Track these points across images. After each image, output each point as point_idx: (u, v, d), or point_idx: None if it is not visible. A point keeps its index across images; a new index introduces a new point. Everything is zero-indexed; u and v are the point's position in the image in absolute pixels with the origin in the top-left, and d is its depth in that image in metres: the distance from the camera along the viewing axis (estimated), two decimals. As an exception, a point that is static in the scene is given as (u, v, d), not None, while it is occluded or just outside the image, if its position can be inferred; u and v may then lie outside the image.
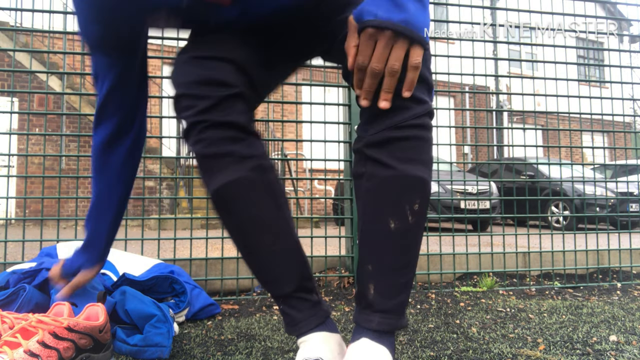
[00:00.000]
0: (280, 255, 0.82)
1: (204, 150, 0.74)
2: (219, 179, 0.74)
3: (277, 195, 0.81)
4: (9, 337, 0.89)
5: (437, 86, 2.53)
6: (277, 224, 0.81)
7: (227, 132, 0.73)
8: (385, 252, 0.75)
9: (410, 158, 0.72)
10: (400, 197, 0.73)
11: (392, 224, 0.73)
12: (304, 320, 0.82)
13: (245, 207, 0.77)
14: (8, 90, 2.02)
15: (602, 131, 2.82)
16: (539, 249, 2.42)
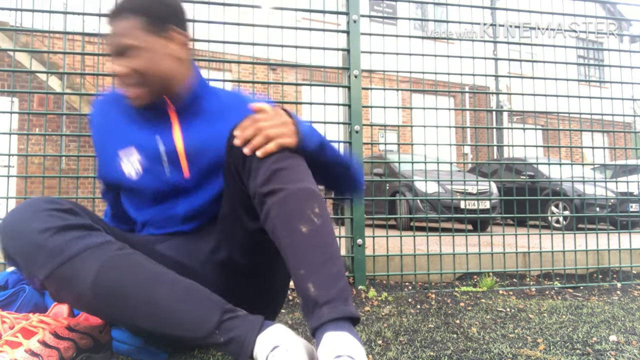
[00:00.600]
0: (187, 295, 0.82)
1: (50, 266, 0.78)
2: (86, 279, 0.79)
3: (145, 258, 0.86)
4: (10, 337, 0.89)
5: (437, 86, 2.53)
6: (162, 272, 0.85)
7: (67, 233, 0.81)
8: (308, 253, 0.82)
9: (292, 179, 0.86)
10: (301, 206, 0.83)
11: (304, 229, 0.82)
12: (250, 327, 0.79)
13: (125, 282, 0.80)
14: (8, 90, 2.03)
15: (602, 131, 2.82)
16: (539, 249, 2.42)
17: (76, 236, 0.80)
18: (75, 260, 0.78)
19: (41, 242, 0.78)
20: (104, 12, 1.93)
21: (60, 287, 0.80)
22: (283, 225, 0.83)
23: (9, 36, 6.09)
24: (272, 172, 0.85)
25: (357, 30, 2.09)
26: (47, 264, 0.78)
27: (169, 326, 0.80)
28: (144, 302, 0.80)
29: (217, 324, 0.79)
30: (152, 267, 0.85)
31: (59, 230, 0.79)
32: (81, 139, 4.75)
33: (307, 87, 2.31)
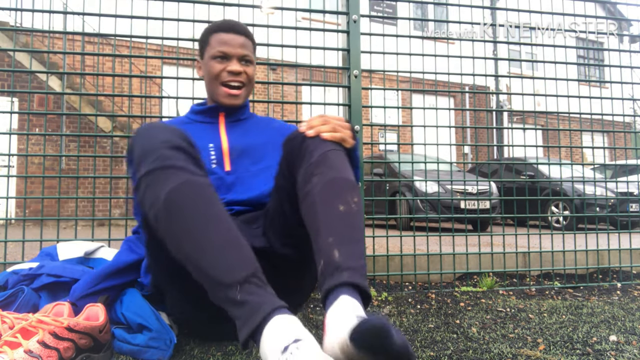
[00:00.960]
0: (234, 243, 0.85)
1: (157, 163, 0.89)
2: (167, 186, 0.87)
3: (217, 199, 0.92)
4: (9, 337, 0.89)
5: (437, 86, 2.53)
6: (227, 216, 0.89)
7: (176, 152, 0.91)
8: (340, 226, 0.89)
9: (341, 169, 0.96)
10: (343, 191, 0.92)
11: (341, 207, 0.90)
12: (267, 303, 0.78)
13: (195, 204, 0.87)
14: (8, 90, 2.02)
15: (602, 131, 2.82)
16: (539, 249, 2.42)
17: (182, 157, 0.91)
18: (170, 170, 0.88)
19: (158, 148, 0.90)
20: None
21: (149, 187, 0.88)
22: (323, 201, 0.90)
23: (9, 36, 6.09)
24: (326, 157, 0.95)
25: (357, 30, 2.09)
26: (152, 164, 0.89)
27: (205, 260, 0.83)
28: (199, 229, 0.85)
29: (243, 279, 0.80)
30: (220, 208, 0.89)
31: (174, 147, 0.91)
32: (81, 139, 4.73)
33: (307, 87, 2.32)
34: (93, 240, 1.70)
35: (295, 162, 1.01)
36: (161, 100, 5.66)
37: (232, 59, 1.31)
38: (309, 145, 0.99)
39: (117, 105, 7.40)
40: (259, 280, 0.82)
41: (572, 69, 2.78)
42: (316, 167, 0.94)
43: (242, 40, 1.33)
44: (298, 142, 1.01)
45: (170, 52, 6.90)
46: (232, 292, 0.80)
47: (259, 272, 0.83)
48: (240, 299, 0.79)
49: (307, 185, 0.94)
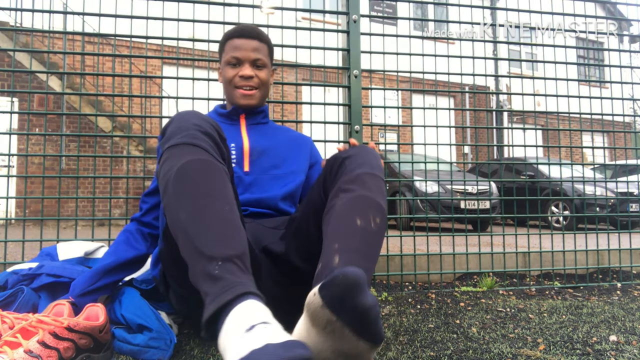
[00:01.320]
0: (230, 222, 0.84)
1: (184, 139, 0.92)
2: (184, 158, 0.89)
3: (230, 184, 0.94)
4: (9, 337, 0.89)
5: (437, 86, 2.53)
6: (233, 198, 0.90)
7: (204, 136, 0.95)
8: (350, 237, 0.86)
9: (373, 191, 0.95)
10: (367, 209, 0.91)
11: (359, 222, 0.88)
12: (244, 284, 0.74)
13: (204, 178, 0.88)
14: (8, 90, 2.02)
15: (602, 131, 2.82)
16: (539, 249, 2.42)
17: (209, 142, 0.94)
18: (193, 147, 0.91)
19: (189, 128, 0.94)
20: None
21: (169, 158, 0.91)
22: (342, 212, 0.90)
23: (9, 36, 6.09)
24: (362, 178, 0.96)
25: (357, 30, 2.09)
26: (179, 139, 0.92)
27: (195, 228, 0.82)
28: (199, 199, 0.85)
29: (227, 257, 0.77)
30: (228, 191, 0.90)
31: (204, 132, 0.95)
32: (81, 139, 4.73)
33: (307, 87, 2.31)
34: (93, 240, 1.70)
35: (331, 180, 1.02)
36: (161, 100, 5.66)
37: (244, 63, 1.36)
38: (347, 165, 1.00)
39: (117, 105, 7.40)
40: (242, 264, 0.79)
41: (572, 69, 2.78)
42: (348, 184, 0.95)
43: (254, 44, 1.36)
44: (338, 161, 1.02)
45: (170, 52, 6.90)
46: (211, 266, 0.76)
47: (245, 258, 0.81)
48: (217, 274, 0.75)
49: (334, 199, 0.94)
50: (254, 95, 1.37)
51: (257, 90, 1.38)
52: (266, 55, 1.39)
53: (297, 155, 1.44)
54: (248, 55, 1.35)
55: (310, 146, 1.51)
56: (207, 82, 2.05)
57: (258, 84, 1.37)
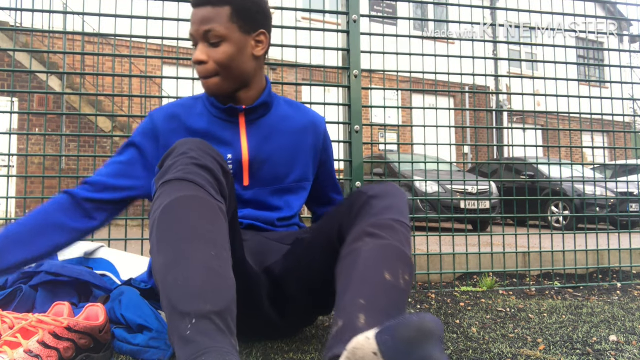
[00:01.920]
0: (216, 271, 0.72)
1: (177, 174, 0.82)
2: (174, 195, 0.80)
3: (224, 227, 0.82)
4: (9, 337, 0.89)
5: (437, 86, 2.53)
6: (224, 240, 0.79)
7: (200, 170, 0.83)
8: (380, 294, 0.76)
9: (402, 243, 0.86)
10: (397, 264, 0.81)
11: (388, 276, 0.78)
12: (215, 349, 0.62)
13: (191, 217, 0.77)
14: (8, 90, 2.02)
15: (602, 131, 2.82)
16: (539, 249, 2.42)
17: (206, 178, 0.83)
18: (186, 183, 0.81)
19: (186, 163, 0.84)
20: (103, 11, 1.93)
21: (160, 195, 0.81)
22: (369, 261, 0.79)
23: (9, 36, 6.09)
24: (390, 224, 0.86)
25: (357, 30, 2.09)
26: (173, 174, 0.82)
27: (172, 276, 0.71)
28: (182, 241, 0.74)
29: (202, 314, 0.65)
30: (221, 235, 0.79)
31: (202, 166, 0.84)
32: (81, 139, 4.72)
33: (307, 87, 2.31)
34: (93, 241, 1.70)
35: (351, 218, 0.91)
36: (161, 100, 5.66)
37: (197, 43, 1.07)
38: (374, 205, 0.89)
39: (117, 105, 7.40)
40: (222, 322, 0.66)
41: (572, 69, 2.79)
42: (376, 229, 0.84)
43: (203, 12, 1.04)
44: (362, 199, 0.91)
45: (170, 52, 6.90)
46: (183, 325, 0.65)
47: (227, 313, 0.68)
48: (187, 335, 0.64)
49: (357, 242, 0.83)
50: (215, 83, 1.08)
51: (217, 77, 1.07)
52: (225, 23, 1.04)
53: (305, 156, 1.22)
54: (197, 31, 1.05)
55: (321, 136, 1.27)
56: (207, 82, 2.05)
57: (214, 68, 1.06)
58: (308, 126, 1.24)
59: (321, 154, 1.28)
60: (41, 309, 1.19)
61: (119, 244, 2.08)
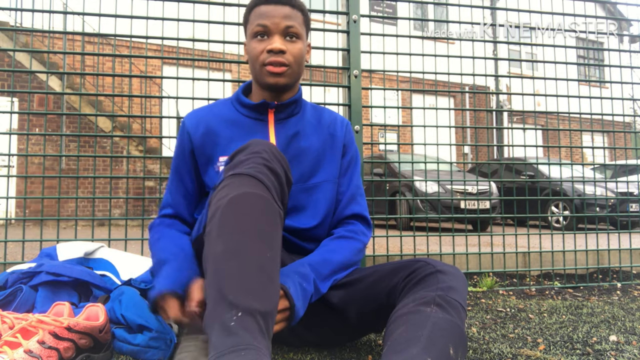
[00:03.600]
0: (268, 273, 0.76)
1: (249, 170, 0.86)
2: (243, 189, 0.83)
3: (279, 230, 0.86)
4: (9, 337, 0.89)
5: (437, 86, 2.54)
6: (279, 246, 0.83)
7: (269, 173, 0.88)
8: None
9: (463, 323, 0.89)
10: (460, 342, 0.83)
11: (452, 352, 0.79)
12: (254, 349, 0.65)
13: (255, 216, 0.81)
14: (8, 90, 2.02)
15: (602, 131, 2.82)
16: (539, 249, 2.42)
17: (272, 180, 0.88)
18: (255, 180, 0.85)
19: (258, 163, 0.88)
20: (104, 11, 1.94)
21: (227, 186, 0.85)
22: (438, 330, 0.81)
23: (9, 36, 6.09)
24: (456, 307, 0.88)
25: (357, 30, 2.09)
26: (244, 170, 0.86)
27: (227, 267, 0.74)
28: (242, 236, 0.78)
29: (250, 311, 0.69)
30: (277, 239, 0.84)
31: (271, 169, 0.88)
32: (81, 139, 4.69)
33: (307, 87, 2.31)
34: (93, 241, 1.70)
35: (412, 282, 0.95)
36: (161, 100, 5.66)
37: (273, 34, 1.11)
38: (441, 281, 0.92)
39: (117, 105, 7.40)
40: (264, 324, 0.70)
41: (572, 69, 2.78)
42: (445, 303, 0.87)
43: (285, 10, 1.12)
44: (429, 270, 0.95)
45: (170, 52, 6.90)
46: (229, 314, 0.68)
47: (270, 317, 0.72)
48: (232, 326, 0.67)
49: (426, 307, 0.86)
50: (284, 72, 1.11)
51: (288, 68, 1.12)
52: (301, 24, 1.14)
53: (331, 158, 1.21)
54: (278, 24, 1.10)
55: (346, 141, 1.25)
56: (207, 82, 2.05)
57: (290, 61, 1.11)
58: (332, 132, 1.25)
59: (342, 161, 1.24)
60: (41, 309, 1.19)
61: (119, 244, 2.08)
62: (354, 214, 1.19)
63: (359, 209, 1.20)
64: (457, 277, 0.95)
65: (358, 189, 1.23)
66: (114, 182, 7.15)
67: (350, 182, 1.23)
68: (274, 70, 1.10)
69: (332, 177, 1.20)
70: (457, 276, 0.95)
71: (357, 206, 1.21)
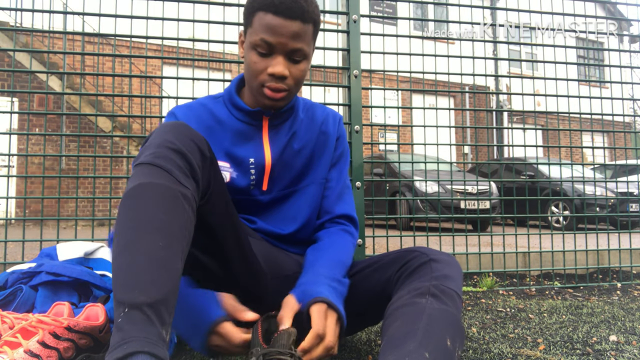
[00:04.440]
0: (160, 259, 0.73)
1: (147, 158, 0.81)
2: (137, 181, 0.79)
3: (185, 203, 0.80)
4: (9, 337, 0.89)
5: (437, 86, 2.54)
6: (179, 230, 0.78)
7: (172, 154, 0.82)
8: (439, 356, 0.77)
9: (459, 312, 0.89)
10: (457, 333, 0.83)
11: (449, 343, 0.79)
12: (137, 340, 0.65)
13: (145, 206, 0.77)
14: (8, 90, 2.02)
15: (602, 131, 2.82)
16: (539, 249, 2.42)
17: (175, 162, 0.82)
18: (153, 168, 0.80)
19: (160, 145, 0.83)
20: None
21: (131, 178, 0.81)
22: (434, 322, 0.81)
23: (9, 36, 6.09)
24: (452, 295, 0.88)
25: (357, 30, 2.09)
26: (145, 157, 0.82)
27: (119, 268, 0.72)
28: (133, 230, 0.75)
29: (135, 304, 0.67)
30: (174, 218, 0.78)
31: (175, 150, 0.83)
32: (81, 139, 4.69)
33: (307, 87, 2.31)
34: (93, 241, 1.70)
35: (405, 273, 0.95)
36: (161, 100, 5.66)
37: (277, 54, 1.01)
38: (435, 269, 0.92)
39: (117, 105, 7.40)
40: (153, 313, 0.68)
41: (572, 69, 2.79)
42: (440, 293, 0.87)
43: (295, 27, 0.99)
44: (422, 259, 0.95)
45: (170, 52, 6.90)
46: (117, 312, 0.69)
47: (161, 305, 0.69)
48: (119, 323, 0.67)
49: (421, 298, 0.86)
50: (283, 97, 1.05)
51: (287, 93, 1.05)
52: (309, 41, 1.04)
53: (319, 159, 1.18)
54: (284, 44, 0.99)
55: (338, 134, 1.22)
56: (207, 82, 2.05)
57: (290, 85, 1.04)
58: (324, 130, 1.21)
59: (332, 156, 1.22)
60: (41, 309, 1.19)
61: (119, 244, 2.08)
62: (345, 215, 1.18)
63: (348, 210, 1.19)
64: (452, 265, 0.94)
65: (346, 187, 1.22)
66: (114, 182, 7.15)
67: (340, 176, 1.21)
68: (273, 96, 1.03)
69: (320, 179, 1.18)
70: (451, 264, 0.94)
71: (347, 206, 1.20)
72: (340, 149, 1.22)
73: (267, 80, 1.01)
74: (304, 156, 1.15)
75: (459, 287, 0.92)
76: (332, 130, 1.20)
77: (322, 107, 1.25)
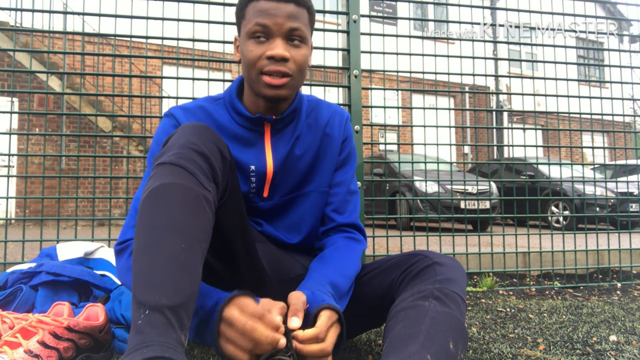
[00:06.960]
0: (181, 265, 0.72)
1: (171, 158, 0.80)
2: (160, 181, 0.78)
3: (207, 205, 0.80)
4: (9, 337, 0.89)
5: (437, 86, 2.54)
6: (202, 233, 0.78)
7: (195, 156, 0.81)
8: (443, 355, 0.78)
9: (463, 316, 0.89)
10: (460, 337, 0.83)
11: (452, 346, 0.79)
12: (157, 344, 0.64)
13: (169, 207, 0.76)
14: (8, 90, 2.02)
15: (602, 131, 2.82)
16: (539, 249, 2.42)
17: (199, 164, 0.81)
18: (177, 169, 0.79)
19: (181, 145, 0.82)
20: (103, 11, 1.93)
21: (153, 177, 0.80)
22: (437, 325, 0.81)
23: (9, 36, 6.09)
24: (455, 299, 0.87)
25: (357, 30, 2.09)
26: (168, 157, 0.81)
27: (139, 264, 0.72)
28: (155, 230, 0.74)
29: (156, 307, 0.66)
30: (197, 220, 0.77)
31: (198, 152, 0.82)
32: (81, 139, 4.69)
33: (307, 87, 2.31)
34: (93, 241, 1.70)
35: (409, 277, 0.94)
36: (161, 100, 5.66)
37: (275, 37, 0.96)
38: (439, 272, 0.91)
39: (117, 105, 7.40)
40: (174, 317, 0.67)
41: (572, 69, 2.79)
42: (444, 296, 0.86)
43: (290, 8, 0.96)
44: (426, 262, 0.94)
45: (170, 52, 6.90)
46: (137, 314, 0.67)
47: (182, 309, 0.69)
48: (139, 325, 0.66)
49: (424, 300, 0.86)
50: (285, 84, 0.97)
51: (290, 78, 0.98)
52: (306, 24, 0.99)
53: (322, 164, 1.13)
54: (281, 24, 0.95)
55: (345, 136, 1.16)
56: (207, 82, 2.06)
57: (293, 70, 0.97)
58: (329, 133, 1.15)
59: (337, 160, 1.16)
60: (41, 309, 1.19)
61: (119, 244, 2.08)
62: (349, 224, 1.14)
63: (352, 219, 1.15)
64: (455, 269, 0.93)
65: (350, 193, 1.16)
66: (114, 182, 7.15)
67: (344, 181, 1.16)
68: (274, 83, 0.96)
69: (323, 186, 1.13)
70: (455, 267, 0.94)
71: (351, 214, 1.16)
72: (346, 152, 1.16)
73: (266, 64, 0.96)
74: (307, 161, 1.11)
75: (463, 290, 0.91)
76: (337, 132, 1.14)
77: (328, 106, 1.18)
